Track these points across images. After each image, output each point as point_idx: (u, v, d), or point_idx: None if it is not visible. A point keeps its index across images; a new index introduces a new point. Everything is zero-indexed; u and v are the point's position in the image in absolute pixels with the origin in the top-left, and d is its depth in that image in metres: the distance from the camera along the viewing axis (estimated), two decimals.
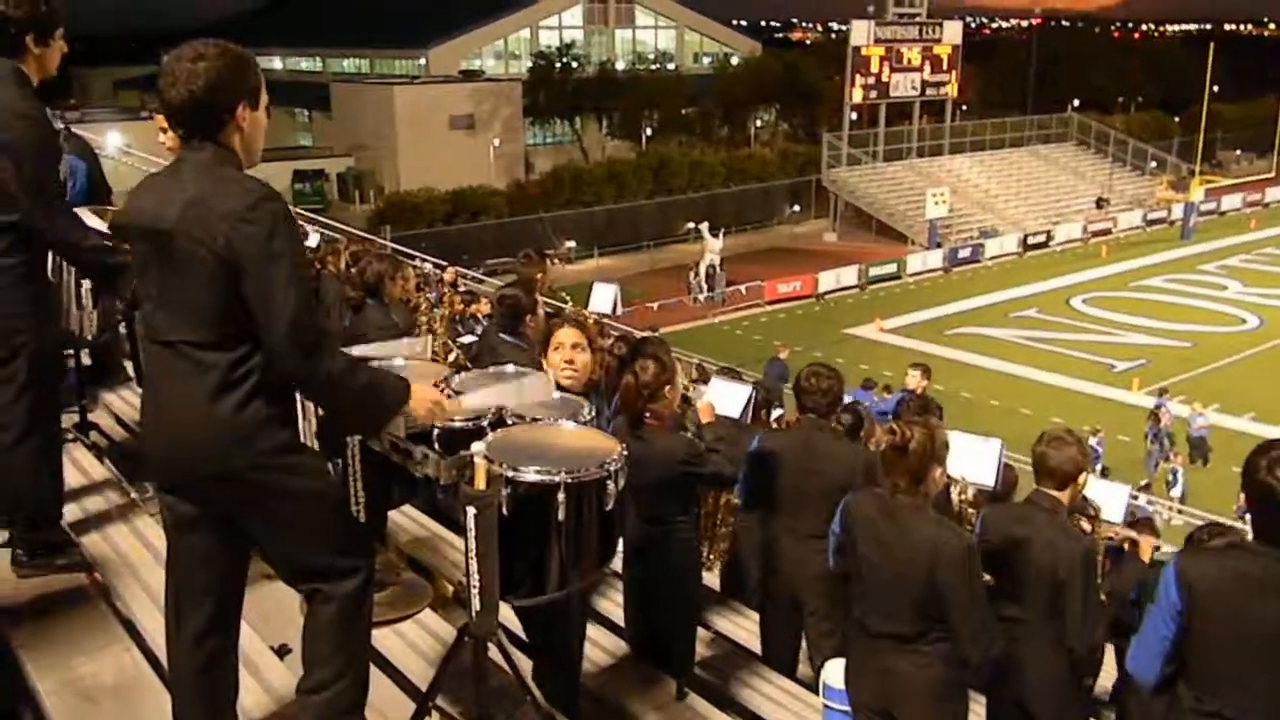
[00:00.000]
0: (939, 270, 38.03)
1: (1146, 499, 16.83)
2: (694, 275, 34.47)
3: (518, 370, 3.58)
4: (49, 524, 3.82)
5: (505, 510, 2.77)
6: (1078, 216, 44.63)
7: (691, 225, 38.18)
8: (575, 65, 53.06)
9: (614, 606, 4.90)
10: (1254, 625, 2.80)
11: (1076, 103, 55.56)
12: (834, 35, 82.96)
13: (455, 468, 2.81)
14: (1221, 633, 2.85)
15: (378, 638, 3.29)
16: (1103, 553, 5.27)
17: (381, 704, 3.25)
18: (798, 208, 47.70)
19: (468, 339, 9.79)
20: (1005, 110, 54.73)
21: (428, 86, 49.71)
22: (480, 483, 2.75)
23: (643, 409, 4.31)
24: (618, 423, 4.37)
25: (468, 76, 52.57)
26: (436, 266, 16.01)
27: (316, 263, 7.05)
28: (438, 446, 2.95)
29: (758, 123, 60.36)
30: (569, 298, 11.45)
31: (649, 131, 54.03)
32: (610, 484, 2.87)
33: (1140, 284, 35.58)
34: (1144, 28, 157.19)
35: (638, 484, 3.29)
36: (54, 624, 3.54)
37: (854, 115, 45.68)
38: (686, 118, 55.04)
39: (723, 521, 6.66)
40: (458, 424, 3.03)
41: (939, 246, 39.48)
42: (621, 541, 4.08)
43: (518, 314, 5.70)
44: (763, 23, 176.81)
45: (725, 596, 6.13)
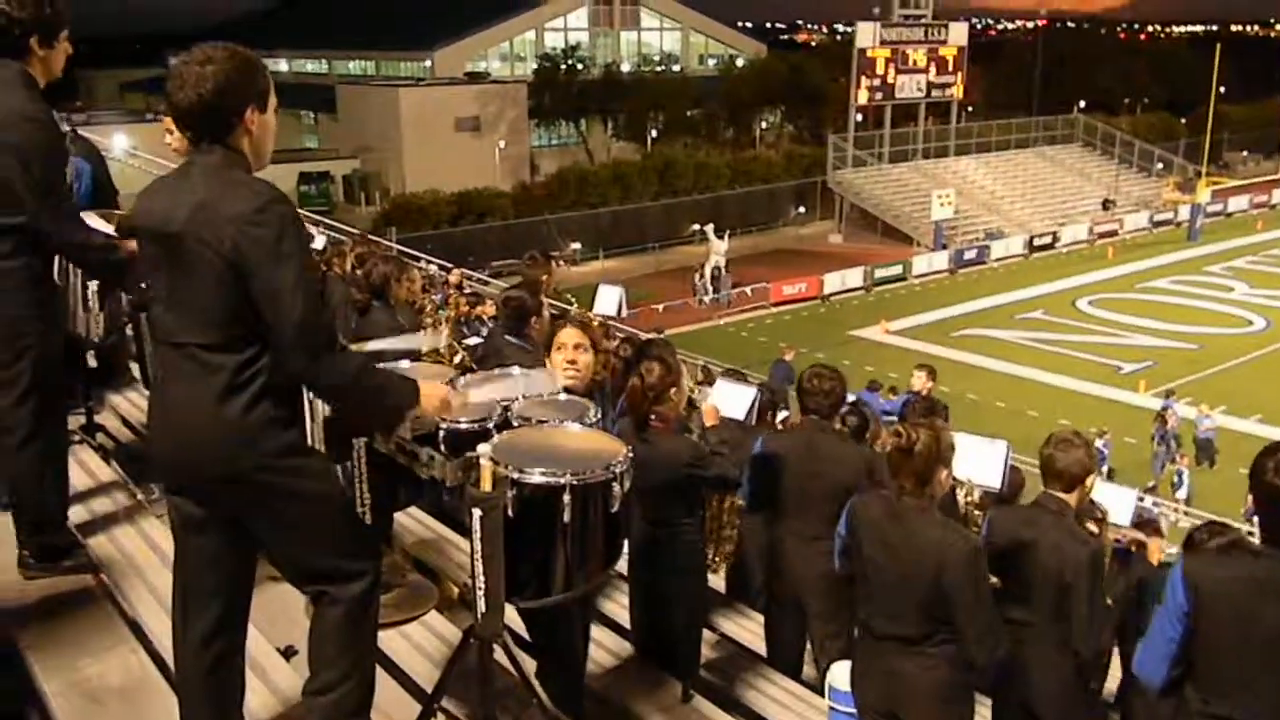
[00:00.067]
0: (945, 272, 37.99)
1: (1152, 500, 16.80)
2: (699, 277, 34.45)
3: (523, 372, 3.59)
4: (54, 526, 3.83)
5: (511, 512, 2.77)
6: (1084, 218, 44.57)
7: (697, 227, 38.23)
8: (580, 67, 53.12)
9: (619, 608, 4.90)
10: (1261, 627, 2.79)
11: (1082, 104, 55.49)
12: (839, 37, 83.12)
13: (461, 469, 2.82)
14: (1228, 635, 2.85)
15: (383, 639, 3.29)
16: (1110, 555, 5.26)
17: (387, 706, 3.25)
18: (803, 209, 47.69)
19: (473, 341, 9.77)
20: (1011, 111, 54.71)
21: (433, 88, 49.82)
22: (486, 484, 2.75)
23: (648, 411, 4.31)
24: (623, 424, 4.37)
25: (473, 78, 52.66)
26: (442, 268, 16.06)
27: (322, 265, 7.04)
28: (443, 448, 2.96)
29: (763, 124, 60.37)
30: (574, 299, 11.43)
31: (654, 133, 54.06)
32: (616, 486, 2.86)
33: (1146, 285, 35.53)
34: (1150, 29, 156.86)
35: (643, 486, 3.29)
36: (60, 625, 3.54)
37: (859, 117, 45.67)
38: (692, 119, 55.06)
39: (728, 524, 6.64)
40: (463, 426, 3.03)
41: (944, 248, 39.44)
42: (626, 543, 4.08)
43: (523, 316, 5.69)
44: (768, 24, 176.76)
45: (731, 599, 6.13)
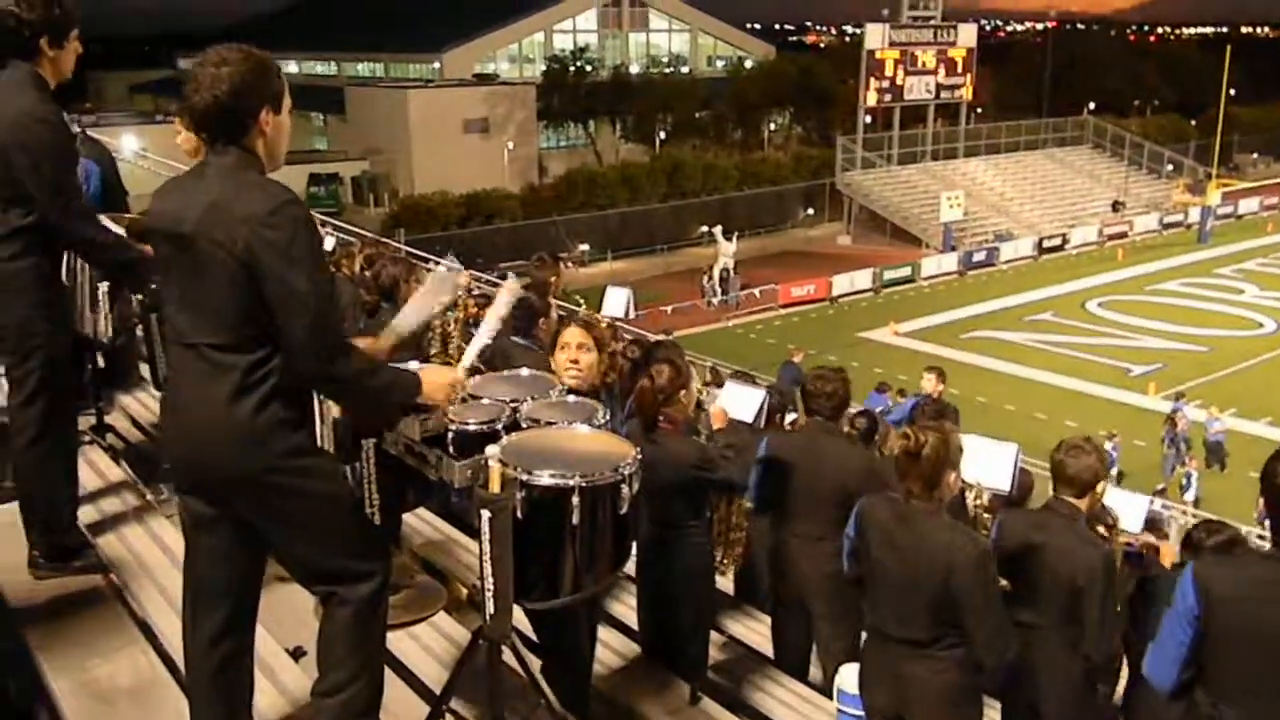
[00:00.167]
0: (954, 274, 37.86)
1: (1161, 504, 16.73)
2: (707, 279, 34.41)
3: (532, 375, 3.60)
4: (64, 526, 3.84)
5: (519, 514, 2.77)
6: (1093, 220, 44.42)
7: (705, 229, 38.16)
8: (589, 69, 53.11)
9: (627, 609, 4.90)
10: (1271, 630, 2.78)
11: (1092, 106, 55.33)
12: (848, 38, 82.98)
13: (470, 471, 2.82)
14: (1239, 638, 2.84)
15: (392, 640, 3.30)
16: (1121, 559, 5.24)
17: (395, 706, 3.25)
18: (811, 211, 47.62)
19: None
20: (1020, 113, 54.54)
21: (442, 90, 49.88)
22: (495, 486, 2.76)
23: (657, 413, 4.31)
24: (631, 426, 4.37)
25: (482, 80, 52.69)
26: (450, 270, 16.06)
27: (331, 266, 7.06)
28: (452, 450, 2.96)
29: (771, 126, 60.31)
30: (583, 300, 11.47)
31: (663, 135, 54.05)
32: (625, 488, 2.86)
33: (1156, 288, 35.37)
34: (1160, 30, 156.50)
35: (650, 488, 3.29)
36: (70, 625, 3.56)
37: (868, 118, 45.56)
38: (700, 121, 55.04)
39: (736, 526, 6.64)
40: (472, 427, 3.03)
41: (954, 250, 39.33)
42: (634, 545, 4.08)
43: (531, 317, 5.70)
44: (777, 26, 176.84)
45: (739, 601, 6.13)
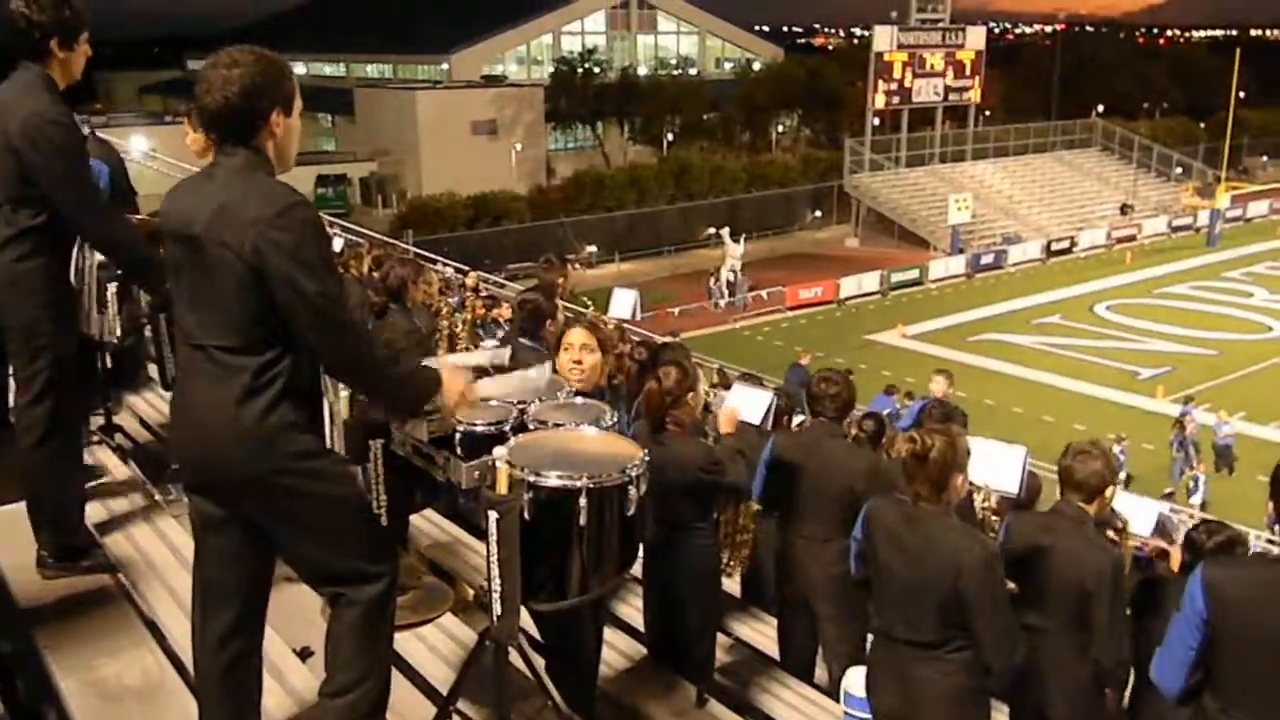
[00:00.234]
0: (962, 276, 37.82)
1: (1170, 507, 16.67)
2: (715, 281, 34.41)
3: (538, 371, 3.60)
4: (70, 527, 3.85)
5: (527, 515, 2.77)
6: (1102, 223, 44.34)
7: (713, 230, 38.18)
8: (597, 70, 53.15)
9: (633, 611, 4.90)
10: None
11: (1101, 108, 55.21)
12: (857, 41, 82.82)
13: (477, 472, 2.82)
14: (1247, 642, 2.82)
15: (399, 641, 3.29)
16: (1130, 563, 5.22)
17: (403, 707, 3.26)
18: (819, 213, 47.59)
19: (489, 343, 9.81)
20: (1029, 116, 54.49)
21: (450, 91, 49.95)
22: (502, 487, 2.76)
23: (665, 415, 4.31)
24: (639, 427, 4.37)
25: (490, 82, 52.78)
26: (458, 271, 16.08)
27: (339, 267, 7.08)
28: (460, 451, 2.96)
29: (779, 128, 60.28)
30: (590, 302, 11.47)
31: (670, 137, 54.08)
32: (632, 489, 2.86)
33: (1165, 291, 35.30)
34: (1169, 33, 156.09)
35: (657, 489, 3.29)
36: (78, 624, 3.56)
37: (876, 121, 45.53)
38: (708, 123, 55.06)
39: (743, 528, 6.63)
40: (479, 429, 3.04)
41: (961, 252, 39.29)
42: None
43: (539, 319, 5.70)
44: (785, 28, 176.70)
45: (746, 603, 6.12)
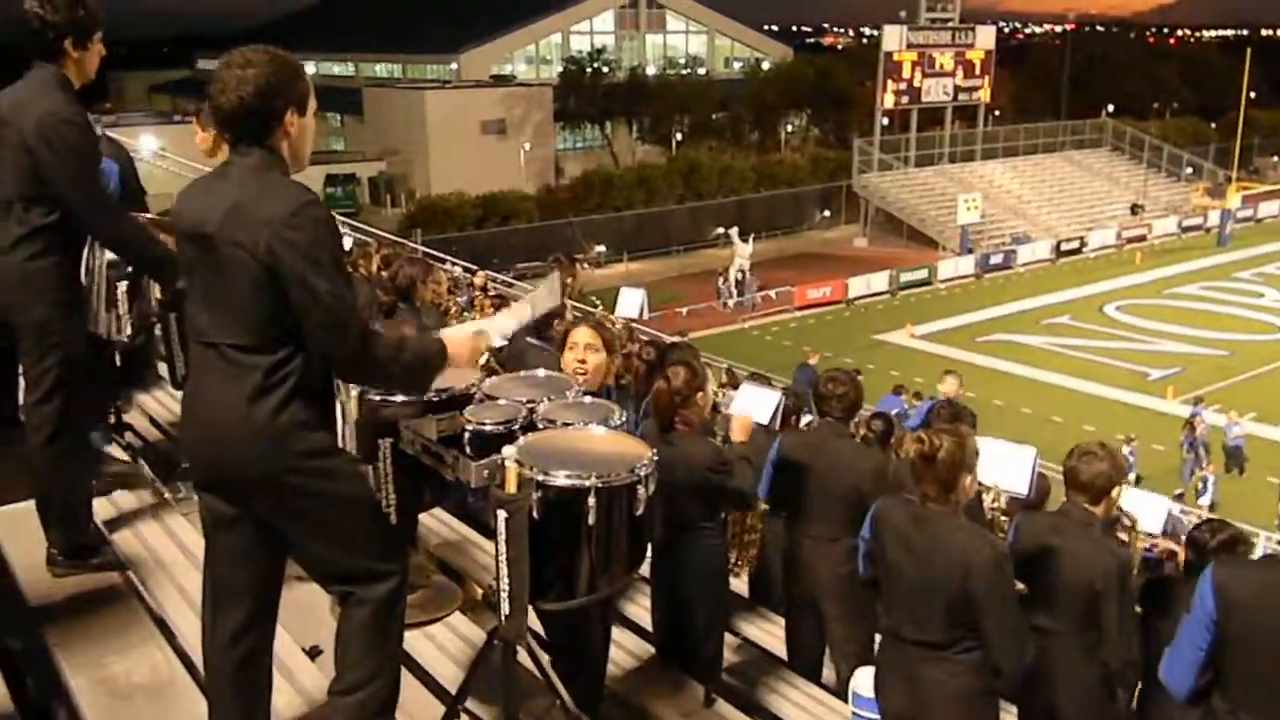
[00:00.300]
0: (971, 276, 37.74)
1: (1180, 509, 16.62)
2: (723, 280, 34.41)
3: (549, 375, 3.60)
4: (79, 525, 3.86)
5: (535, 514, 2.77)
6: (1112, 223, 44.20)
7: (721, 230, 38.15)
8: (606, 70, 53.19)
9: (641, 610, 4.89)
10: None
11: (1111, 108, 55.10)
12: (866, 40, 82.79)
13: (486, 471, 2.82)
14: (1256, 643, 2.82)
15: (408, 640, 3.29)
16: (1140, 564, 5.21)
17: (411, 706, 3.26)
18: (828, 213, 47.57)
19: (497, 342, 9.80)
20: (1039, 115, 54.34)
21: (459, 91, 50.03)
22: (511, 486, 2.76)
23: (674, 415, 4.31)
24: (647, 427, 4.37)
25: (499, 81, 52.84)
26: (467, 270, 16.10)
27: (348, 267, 7.10)
28: (469, 450, 2.97)
29: (788, 128, 60.25)
30: (598, 302, 11.49)
31: (679, 136, 54.08)
32: (641, 489, 2.86)
33: (1175, 291, 35.17)
34: (1180, 33, 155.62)
35: (665, 489, 3.29)
36: (87, 622, 3.57)
37: (885, 120, 45.51)
38: (717, 123, 55.04)
39: (751, 528, 6.63)
40: (489, 427, 3.04)
41: (971, 252, 39.21)
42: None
43: (546, 318, 5.70)
44: (794, 28, 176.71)
45: (754, 603, 6.11)
